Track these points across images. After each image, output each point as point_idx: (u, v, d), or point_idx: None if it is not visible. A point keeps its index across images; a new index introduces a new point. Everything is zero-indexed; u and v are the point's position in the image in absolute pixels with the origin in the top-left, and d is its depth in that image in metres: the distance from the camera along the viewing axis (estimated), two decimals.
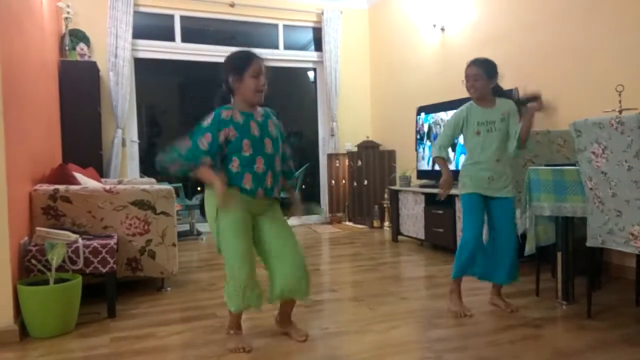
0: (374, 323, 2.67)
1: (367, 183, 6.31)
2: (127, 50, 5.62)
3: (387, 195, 5.89)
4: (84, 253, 2.83)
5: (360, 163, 6.36)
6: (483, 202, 2.81)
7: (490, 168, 2.75)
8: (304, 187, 8.01)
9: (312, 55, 7.00)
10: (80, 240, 2.88)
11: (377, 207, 6.20)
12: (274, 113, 2.45)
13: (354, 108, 6.99)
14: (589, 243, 2.59)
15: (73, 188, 3.16)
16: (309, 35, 7.12)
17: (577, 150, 2.56)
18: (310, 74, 7.43)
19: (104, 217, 3.18)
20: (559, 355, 2.18)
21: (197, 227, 5.89)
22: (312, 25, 6.87)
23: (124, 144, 5.77)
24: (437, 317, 2.75)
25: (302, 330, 2.48)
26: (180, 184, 5.87)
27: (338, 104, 6.82)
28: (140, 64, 6.07)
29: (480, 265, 2.82)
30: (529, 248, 2.94)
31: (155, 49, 6.12)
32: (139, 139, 6.07)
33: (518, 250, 2.81)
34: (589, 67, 3.78)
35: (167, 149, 2.27)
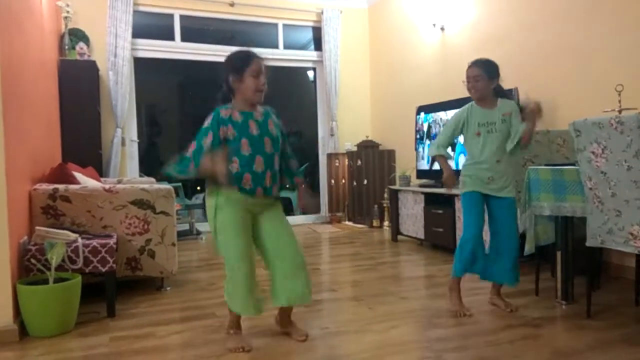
0: (374, 323, 2.68)
1: (366, 183, 6.30)
2: (126, 50, 5.61)
3: (386, 195, 5.89)
4: (84, 252, 2.83)
5: (360, 163, 6.36)
6: (483, 200, 2.81)
7: (491, 168, 2.75)
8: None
9: (311, 55, 6.99)
10: (80, 240, 2.88)
11: (376, 206, 6.20)
12: (275, 112, 2.45)
13: (354, 108, 6.99)
14: (589, 243, 2.59)
15: (72, 187, 3.16)
16: (309, 35, 7.11)
17: (576, 150, 2.56)
18: (310, 74, 7.42)
19: (104, 216, 3.18)
20: (559, 355, 2.19)
21: (196, 226, 5.89)
22: (311, 25, 6.87)
23: (124, 144, 5.77)
24: (436, 316, 2.75)
25: (302, 330, 2.48)
26: (180, 184, 5.87)
27: (338, 104, 6.82)
28: (140, 63, 6.07)
29: (482, 265, 2.81)
30: (529, 248, 2.95)
31: (155, 49, 6.12)
32: (139, 139, 6.07)
33: (519, 251, 2.81)
34: (589, 67, 3.78)
35: (176, 160, 2.25)
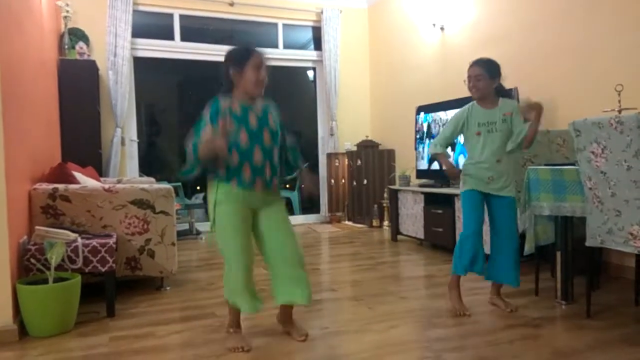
0: (374, 322, 2.68)
1: (366, 182, 6.30)
2: (126, 49, 5.61)
3: (386, 195, 5.89)
4: (83, 252, 2.82)
5: (360, 162, 6.36)
6: (483, 199, 2.81)
7: (491, 168, 2.75)
8: (303, 186, 8.02)
9: (311, 55, 6.99)
10: (80, 240, 2.88)
11: (376, 206, 6.20)
12: (275, 106, 2.45)
13: (354, 107, 6.99)
14: (588, 243, 2.59)
15: (72, 187, 3.16)
16: (309, 35, 7.11)
17: (576, 150, 2.56)
18: (310, 73, 7.42)
19: (103, 216, 3.18)
20: (558, 355, 2.19)
21: (196, 226, 5.89)
22: (311, 25, 6.87)
23: (123, 143, 5.76)
24: (436, 316, 2.75)
25: (302, 330, 2.48)
26: (180, 184, 5.87)
27: (337, 104, 6.81)
28: (140, 63, 6.06)
29: (483, 264, 2.79)
30: (529, 248, 2.95)
31: (155, 48, 6.12)
32: (138, 138, 6.07)
33: (519, 251, 2.81)
34: (589, 67, 3.78)
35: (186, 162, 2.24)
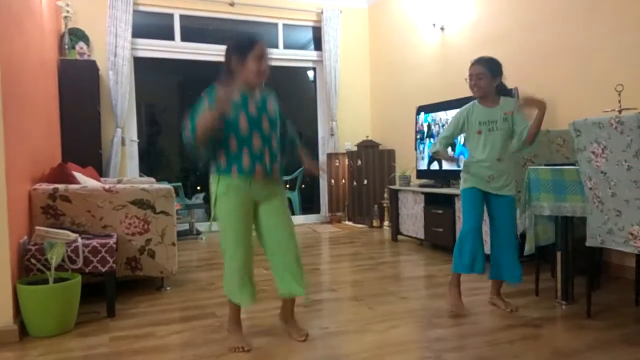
0: (374, 322, 2.67)
1: (366, 182, 6.30)
2: (126, 49, 5.61)
3: (386, 195, 5.88)
4: (84, 252, 2.83)
5: (360, 162, 6.36)
6: (483, 197, 2.80)
7: (491, 167, 2.75)
8: (304, 186, 8.01)
9: (311, 55, 6.99)
10: (80, 240, 2.88)
11: (376, 206, 6.20)
12: (274, 95, 2.45)
13: (354, 107, 6.99)
14: (589, 243, 2.59)
15: (72, 187, 3.16)
16: (309, 35, 7.11)
17: (576, 150, 2.56)
18: (310, 74, 7.42)
19: (104, 216, 3.18)
20: (559, 355, 2.19)
21: (196, 226, 5.89)
22: (311, 25, 6.87)
23: (124, 143, 5.76)
24: (436, 316, 2.75)
25: (303, 330, 2.47)
26: (180, 183, 5.88)
27: (338, 104, 6.82)
28: (140, 63, 6.07)
29: (483, 264, 2.77)
30: (529, 248, 2.94)
31: (155, 48, 6.12)
32: (139, 138, 6.07)
33: (518, 249, 2.81)
34: (589, 67, 3.78)
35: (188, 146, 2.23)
